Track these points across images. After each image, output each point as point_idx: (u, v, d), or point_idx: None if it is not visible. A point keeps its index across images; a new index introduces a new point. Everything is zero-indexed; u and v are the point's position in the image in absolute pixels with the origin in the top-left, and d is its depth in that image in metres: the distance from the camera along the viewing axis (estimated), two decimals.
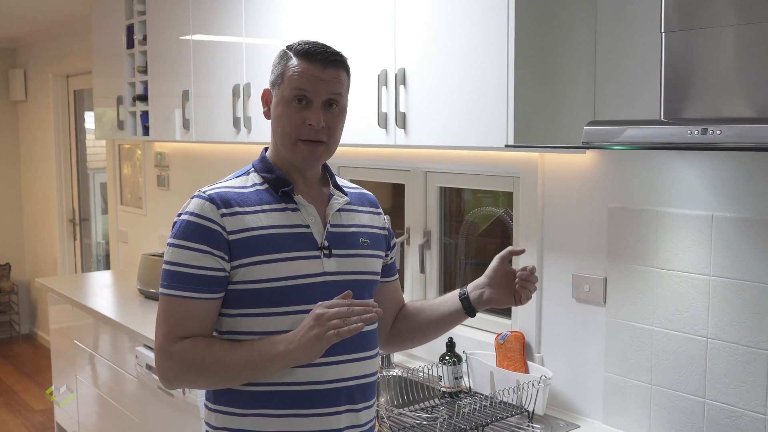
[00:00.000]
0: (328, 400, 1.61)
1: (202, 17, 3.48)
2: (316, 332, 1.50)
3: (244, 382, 1.59)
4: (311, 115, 1.61)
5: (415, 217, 2.97)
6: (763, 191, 1.91)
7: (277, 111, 1.65)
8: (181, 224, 1.60)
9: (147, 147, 4.87)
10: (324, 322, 1.49)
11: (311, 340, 1.50)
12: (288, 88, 1.62)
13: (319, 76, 1.61)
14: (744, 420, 1.95)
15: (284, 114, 1.63)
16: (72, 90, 6.35)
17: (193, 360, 1.56)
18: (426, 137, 2.35)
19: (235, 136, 3.24)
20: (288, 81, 1.62)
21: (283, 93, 1.63)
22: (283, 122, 1.63)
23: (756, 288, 1.92)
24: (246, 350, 1.56)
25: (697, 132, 1.62)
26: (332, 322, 1.49)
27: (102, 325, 3.67)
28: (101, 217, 6.31)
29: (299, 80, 1.61)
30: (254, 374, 1.57)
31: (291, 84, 1.62)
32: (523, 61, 2.06)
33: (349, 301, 1.52)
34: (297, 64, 1.62)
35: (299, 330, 1.53)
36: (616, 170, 2.22)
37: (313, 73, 1.61)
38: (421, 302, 1.93)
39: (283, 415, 1.60)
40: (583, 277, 2.32)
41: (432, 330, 1.88)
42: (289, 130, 1.63)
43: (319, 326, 1.49)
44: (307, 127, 1.62)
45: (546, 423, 2.29)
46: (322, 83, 1.62)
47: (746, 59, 1.72)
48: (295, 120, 1.62)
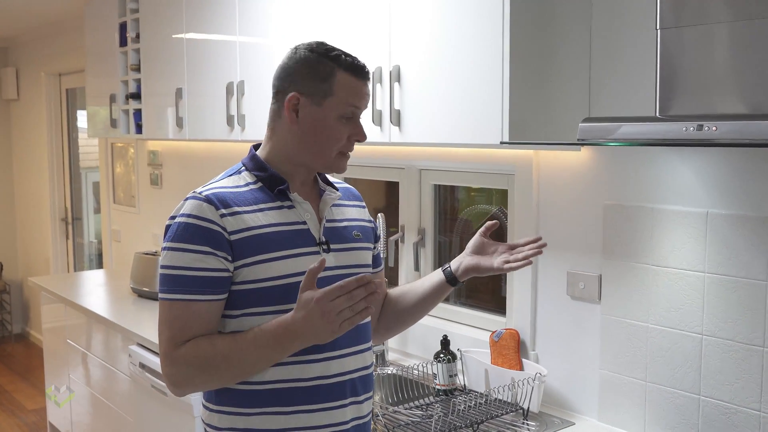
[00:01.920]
0: (334, 394, 1.62)
1: (196, 15, 3.47)
2: (331, 328, 1.47)
3: (256, 374, 1.58)
4: (359, 131, 1.65)
5: (410, 214, 2.97)
6: (758, 188, 1.91)
7: (318, 123, 1.62)
8: (178, 227, 1.57)
9: (140, 145, 4.85)
10: (333, 317, 1.46)
11: (325, 333, 1.48)
12: (342, 103, 1.61)
13: (366, 92, 1.65)
14: (739, 416, 1.96)
15: (333, 127, 1.62)
16: (64, 88, 6.33)
17: (199, 361, 1.54)
18: (421, 135, 2.35)
19: (229, 134, 3.23)
20: (340, 95, 1.61)
21: (332, 105, 1.61)
22: (329, 135, 1.63)
23: (751, 285, 1.92)
24: (251, 343, 1.53)
25: (693, 128, 1.62)
26: (342, 314, 1.46)
27: (95, 324, 3.66)
28: (94, 216, 6.30)
29: (355, 96, 1.62)
30: (266, 365, 1.56)
31: (346, 100, 1.61)
32: (518, 58, 2.06)
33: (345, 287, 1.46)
34: (348, 80, 1.61)
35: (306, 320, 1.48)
36: (611, 167, 2.22)
37: (363, 90, 1.64)
38: (402, 286, 1.95)
39: (291, 411, 1.59)
40: (578, 274, 2.32)
41: (419, 309, 1.89)
42: (335, 143, 1.64)
43: (329, 321, 1.46)
44: (353, 142, 1.65)
45: (541, 420, 2.29)
46: (367, 98, 1.66)
47: (741, 56, 1.72)
48: (344, 134, 1.63)
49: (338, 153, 1.65)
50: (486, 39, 2.10)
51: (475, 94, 2.15)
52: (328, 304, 1.46)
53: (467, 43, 2.18)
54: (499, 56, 2.07)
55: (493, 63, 2.08)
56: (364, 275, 1.48)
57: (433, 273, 1.89)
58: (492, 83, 2.09)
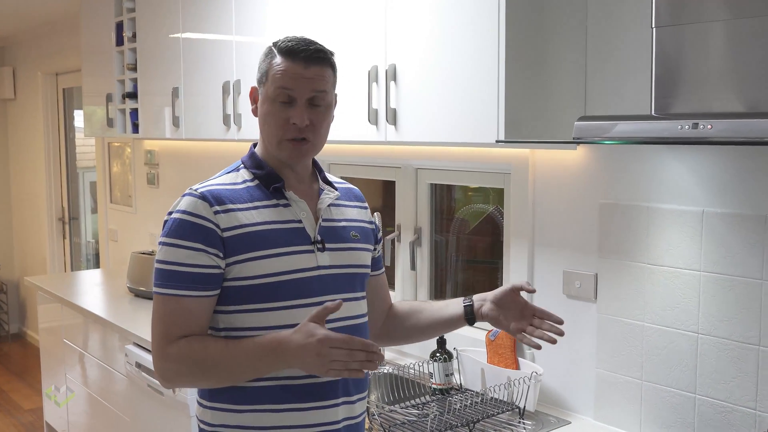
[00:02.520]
0: (325, 393, 1.62)
1: (192, 14, 3.46)
2: (318, 369, 1.49)
3: (244, 381, 1.59)
4: (295, 114, 1.60)
5: (406, 214, 2.97)
6: (753, 187, 1.91)
7: (263, 109, 1.65)
8: (173, 223, 1.59)
9: (136, 145, 4.85)
10: (326, 362, 1.47)
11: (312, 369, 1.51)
12: (272, 87, 1.61)
13: (302, 74, 1.60)
14: (734, 415, 1.96)
15: (269, 113, 1.63)
16: (61, 88, 6.32)
17: (190, 361, 1.56)
18: (416, 133, 2.35)
19: (225, 134, 3.23)
20: (272, 80, 1.61)
21: (267, 92, 1.62)
22: (269, 121, 1.63)
23: (746, 283, 1.92)
24: (242, 354, 1.55)
25: (688, 126, 1.62)
26: (334, 363, 1.47)
27: (92, 323, 3.65)
28: (91, 216, 6.29)
29: (282, 79, 1.60)
30: (253, 375, 1.58)
31: (274, 83, 1.61)
32: (514, 57, 2.06)
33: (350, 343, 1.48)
34: (280, 63, 1.61)
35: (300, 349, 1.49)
36: (606, 166, 2.22)
37: (296, 71, 1.60)
38: (420, 303, 1.95)
39: (282, 409, 1.60)
40: (574, 273, 2.32)
41: (430, 331, 1.91)
42: (274, 129, 1.63)
43: (320, 363, 1.48)
44: (291, 126, 1.61)
45: (537, 419, 2.29)
46: (305, 81, 1.60)
47: (736, 54, 1.72)
48: (280, 119, 1.61)
49: (282, 139, 1.63)
50: (482, 38, 2.10)
51: (471, 93, 2.15)
52: (327, 349, 1.47)
53: (463, 42, 2.18)
54: (494, 55, 2.07)
55: (489, 62, 2.08)
56: (373, 344, 1.50)
57: (452, 303, 1.85)
58: (488, 82, 2.09)
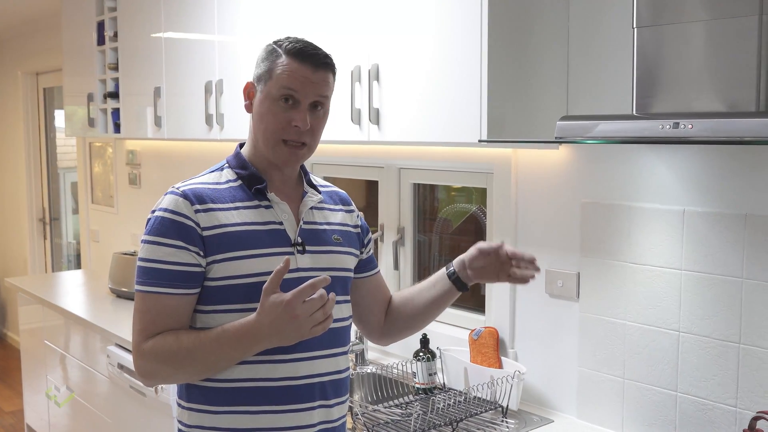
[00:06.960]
0: (301, 396, 1.61)
1: (174, 13, 3.45)
2: (300, 333, 1.48)
3: (220, 371, 1.57)
4: (298, 116, 1.60)
5: (389, 214, 2.97)
6: (733, 186, 1.93)
7: (261, 107, 1.63)
8: (155, 221, 1.59)
9: (118, 145, 4.82)
10: (303, 320, 1.46)
11: (293, 337, 1.49)
12: (276, 86, 1.60)
13: (309, 78, 1.60)
14: (715, 412, 1.97)
15: (270, 112, 1.61)
16: (42, 88, 6.27)
17: (164, 355, 1.55)
18: (400, 133, 2.35)
19: (208, 133, 3.22)
20: (276, 79, 1.60)
21: (270, 90, 1.61)
22: (268, 120, 1.61)
23: (727, 282, 1.94)
24: (215, 343, 1.53)
25: (669, 126, 1.63)
26: (314, 317, 1.46)
27: (73, 325, 3.63)
28: (72, 216, 6.25)
29: (289, 79, 1.59)
30: (229, 364, 1.56)
31: (280, 82, 1.59)
32: (497, 57, 2.07)
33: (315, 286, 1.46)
34: (287, 63, 1.60)
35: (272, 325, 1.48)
36: (588, 166, 2.23)
37: (303, 74, 1.59)
38: (407, 291, 1.90)
39: (257, 411, 1.59)
40: (557, 272, 2.32)
41: (429, 314, 1.85)
42: (273, 128, 1.61)
43: (298, 326, 1.46)
44: (292, 128, 1.60)
45: (520, 418, 2.29)
46: (312, 85, 1.60)
47: (716, 54, 1.73)
48: (281, 119, 1.60)
49: (279, 140, 1.62)
50: (464, 38, 2.11)
51: (453, 93, 2.16)
52: (300, 306, 1.46)
53: (446, 42, 2.18)
54: (477, 55, 2.07)
55: (471, 62, 2.09)
56: (327, 276, 1.48)
57: (437, 280, 1.81)
58: (470, 82, 2.09)
